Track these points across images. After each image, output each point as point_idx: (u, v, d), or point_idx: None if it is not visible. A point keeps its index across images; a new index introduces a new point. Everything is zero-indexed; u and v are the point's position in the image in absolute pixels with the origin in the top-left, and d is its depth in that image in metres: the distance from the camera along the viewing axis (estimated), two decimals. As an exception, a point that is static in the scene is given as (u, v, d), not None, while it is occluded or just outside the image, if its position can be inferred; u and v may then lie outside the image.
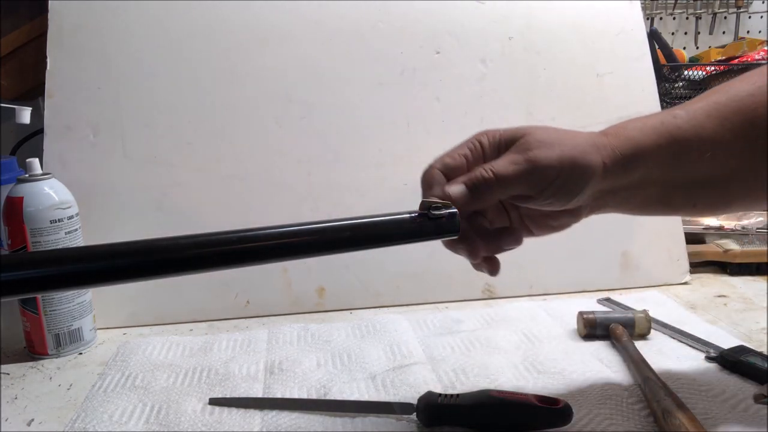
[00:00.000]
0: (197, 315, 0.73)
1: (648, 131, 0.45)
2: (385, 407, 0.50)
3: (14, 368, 0.62)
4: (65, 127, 0.73)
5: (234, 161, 0.75)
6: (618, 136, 0.45)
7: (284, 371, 0.58)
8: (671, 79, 1.03)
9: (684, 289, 0.79)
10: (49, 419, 0.52)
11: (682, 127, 0.45)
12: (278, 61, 0.77)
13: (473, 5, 0.82)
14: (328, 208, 0.76)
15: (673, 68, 1.02)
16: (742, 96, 0.45)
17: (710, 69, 1.02)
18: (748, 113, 0.45)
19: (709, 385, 0.52)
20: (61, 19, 0.74)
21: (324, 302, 0.75)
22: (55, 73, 0.73)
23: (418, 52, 0.80)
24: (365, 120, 0.78)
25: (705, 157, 0.45)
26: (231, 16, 0.77)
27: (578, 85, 0.82)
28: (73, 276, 0.34)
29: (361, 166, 0.77)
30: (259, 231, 0.38)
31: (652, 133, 0.45)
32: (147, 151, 0.74)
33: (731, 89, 0.47)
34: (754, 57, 1.04)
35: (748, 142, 0.45)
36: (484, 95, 0.81)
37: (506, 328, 0.66)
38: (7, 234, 0.63)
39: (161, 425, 0.50)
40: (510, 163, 0.43)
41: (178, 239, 0.36)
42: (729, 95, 0.46)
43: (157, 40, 0.75)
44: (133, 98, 0.74)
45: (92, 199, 0.71)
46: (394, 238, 0.42)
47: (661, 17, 1.36)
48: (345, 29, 0.79)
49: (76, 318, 0.65)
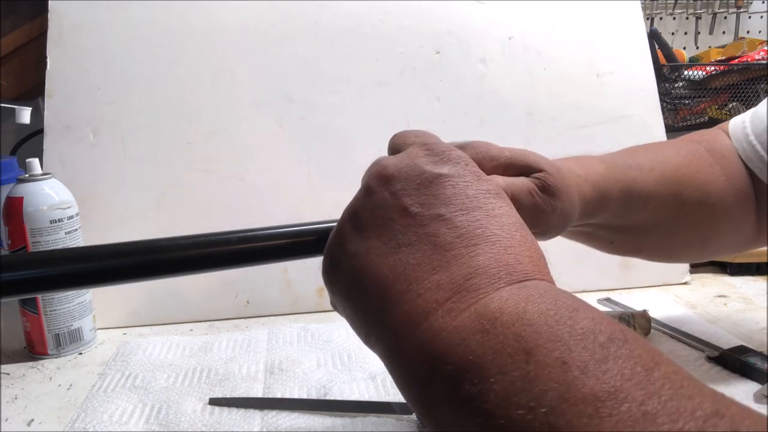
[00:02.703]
0: (197, 315, 0.73)
1: (613, 182, 0.48)
2: (385, 407, 0.50)
3: (14, 368, 0.62)
4: (65, 127, 0.73)
5: (234, 161, 0.75)
6: (594, 187, 0.47)
7: (284, 371, 0.58)
8: (671, 79, 1.03)
9: (684, 289, 0.79)
10: (49, 419, 0.52)
11: (636, 180, 0.50)
12: (278, 61, 0.77)
13: (473, 5, 0.82)
14: (328, 208, 0.76)
15: (673, 68, 1.02)
16: (674, 163, 0.53)
17: (710, 69, 1.02)
18: (677, 176, 0.52)
19: (709, 385, 0.52)
20: (61, 19, 0.74)
21: (324, 302, 0.75)
22: (55, 73, 0.73)
23: (418, 52, 0.80)
24: (365, 120, 0.78)
25: (646, 208, 0.51)
26: (231, 16, 0.77)
27: (578, 85, 0.82)
28: (73, 276, 0.34)
29: (361, 166, 0.77)
30: (259, 231, 0.38)
31: (616, 186, 0.48)
32: (147, 151, 0.74)
33: (668, 154, 0.54)
34: (754, 57, 1.04)
35: (677, 200, 0.52)
36: (484, 95, 0.80)
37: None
38: (7, 234, 0.63)
39: (161, 425, 0.50)
40: (528, 195, 0.40)
41: (178, 239, 0.36)
42: (666, 159, 0.53)
43: (157, 40, 0.75)
44: (133, 98, 0.74)
45: (92, 199, 0.71)
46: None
47: (661, 17, 1.35)
48: (345, 29, 0.79)
49: (76, 318, 0.65)
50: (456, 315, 0.26)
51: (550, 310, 0.25)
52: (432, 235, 0.29)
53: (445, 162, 0.33)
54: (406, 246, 0.30)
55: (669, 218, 0.53)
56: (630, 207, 0.50)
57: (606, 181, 0.48)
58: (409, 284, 0.28)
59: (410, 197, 0.31)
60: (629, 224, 0.52)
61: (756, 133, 0.55)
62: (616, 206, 0.49)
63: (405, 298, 0.28)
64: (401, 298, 0.28)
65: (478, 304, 0.26)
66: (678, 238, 0.55)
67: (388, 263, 0.30)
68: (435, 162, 0.33)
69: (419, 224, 0.30)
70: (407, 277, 0.29)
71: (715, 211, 0.54)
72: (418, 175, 0.32)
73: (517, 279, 0.27)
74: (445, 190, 0.31)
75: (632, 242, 0.55)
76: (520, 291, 0.26)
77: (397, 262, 0.29)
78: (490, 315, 0.25)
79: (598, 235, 0.53)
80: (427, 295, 0.27)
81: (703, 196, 0.53)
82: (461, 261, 0.28)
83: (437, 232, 0.29)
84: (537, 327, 0.24)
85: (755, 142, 0.55)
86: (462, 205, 0.30)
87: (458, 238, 0.29)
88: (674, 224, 0.54)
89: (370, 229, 0.31)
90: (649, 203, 0.51)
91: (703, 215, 0.54)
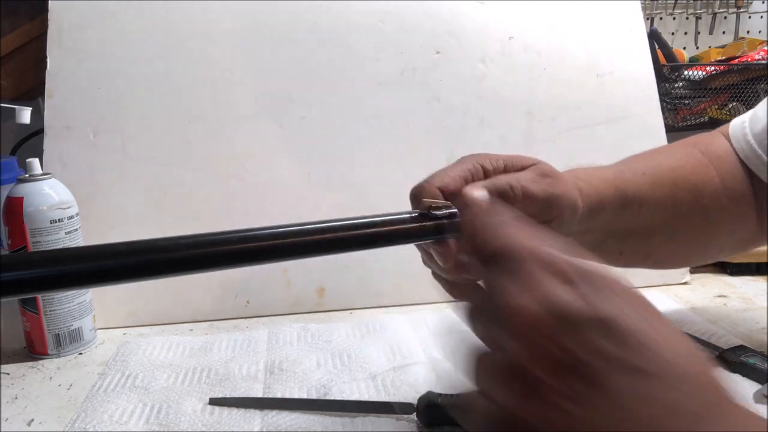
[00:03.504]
0: (197, 315, 0.73)
1: (608, 184, 0.50)
2: (385, 407, 0.50)
3: (14, 368, 0.62)
4: (65, 127, 0.73)
5: (234, 161, 0.75)
6: (590, 184, 0.48)
7: (284, 371, 0.58)
8: (671, 79, 1.03)
9: (684, 289, 0.79)
10: (49, 419, 0.52)
11: (628, 181, 0.51)
12: (278, 61, 0.77)
13: (473, 5, 0.82)
14: (328, 208, 0.76)
15: (673, 68, 1.02)
16: (668, 165, 0.55)
17: (710, 69, 1.02)
18: (672, 178, 0.54)
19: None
20: (61, 19, 0.74)
21: (324, 302, 0.75)
22: (55, 73, 0.73)
23: (418, 52, 0.80)
24: (365, 120, 0.78)
25: (642, 210, 0.52)
26: (231, 16, 0.77)
27: (578, 85, 0.82)
28: (73, 276, 0.34)
29: (361, 166, 0.77)
30: (259, 231, 0.38)
31: (610, 186, 0.50)
32: (147, 151, 0.74)
33: (659, 159, 0.56)
34: (754, 57, 1.04)
35: (673, 201, 0.53)
36: (484, 95, 0.80)
37: (506, 328, 0.66)
38: (7, 234, 0.63)
39: (161, 425, 0.50)
40: (533, 182, 0.43)
41: (178, 239, 0.36)
42: (657, 162, 0.55)
43: (157, 40, 0.75)
44: (133, 98, 0.74)
45: (92, 199, 0.71)
46: (394, 238, 0.42)
47: (661, 17, 1.36)
48: (345, 29, 0.79)
49: (76, 318, 0.65)
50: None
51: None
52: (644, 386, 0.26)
53: (595, 292, 0.28)
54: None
55: (667, 220, 0.54)
56: (626, 208, 0.51)
57: (600, 180, 0.50)
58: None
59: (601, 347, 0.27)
60: (631, 228, 0.53)
61: (754, 133, 0.56)
62: (612, 206, 0.50)
63: None
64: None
65: None
66: (680, 240, 0.56)
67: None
68: (586, 296, 0.28)
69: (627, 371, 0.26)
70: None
71: (710, 211, 0.55)
72: (591, 318, 0.27)
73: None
74: (622, 325, 0.27)
75: (639, 249, 0.56)
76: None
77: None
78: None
79: (608, 245, 0.54)
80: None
81: (697, 197, 0.54)
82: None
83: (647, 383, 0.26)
84: None
85: (753, 142, 0.56)
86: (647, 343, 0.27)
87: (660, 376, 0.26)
88: (673, 226, 0.55)
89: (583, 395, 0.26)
90: (644, 205, 0.52)
91: (699, 215, 0.55)
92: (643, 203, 0.52)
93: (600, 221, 0.50)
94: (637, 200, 0.51)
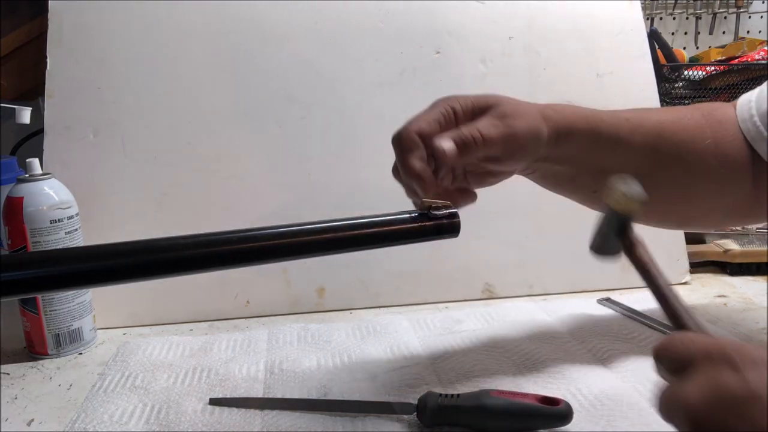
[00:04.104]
0: (197, 315, 0.73)
1: (579, 116, 0.54)
2: (385, 407, 0.50)
3: (14, 368, 0.62)
4: (65, 127, 0.73)
5: (234, 161, 0.75)
6: (558, 113, 0.53)
7: (284, 371, 0.58)
8: (671, 79, 1.03)
9: (684, 289, 0.79)
10: (49, 419, 0.52)
11: (605, 121, 0.54)
12: (278, 61, 0.77)
13: (473, 5, 0.82)
14: (328, 208, 0.76)
15: (673, 68, 1.02)
16: (656, 119, 0.57)
17: (710, 69, 1.02)
18: (657, 129, 0.56)
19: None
20: (61, 19, 0.74)
21: (324, 302, 0.75)
22: (55, 73, 0.73)
23: (418, 52, 0.80)
24: (365, 120, 0.78)
25: (617, 151, 0.55)
26: (231, 16, 0.77)
27: (578, 85, 0.82)
28: (73, 276, 0.34)
29: (361, 166, 0.77)
30: (259, 231, 0.38)
31: (582, 119, 0.54)
32: (147, 151, 0.74)
33: (650, 112, 0.60)
34: (754, 57, 1.04)
35: (651, 149, 0.56)
36: (484, 95, 0.80)
37: (506, 328, 0.66)
38: (7, 234, 0.63)
39: (161, 425, 0.50)
40: (492, 127, 0.49)
41: (178, 239, 0.36)
42: (646, 114, 0.58)
43: (157, 40, 0.75)
44: (133, 98, 0.74)
45: (92, 199, 0.71)
46: (394, 238, 0.42)
47: (661, 17, 1.36)
48: (345, 29, 0.79)
49: (76, 318, 0.65)
50: None
51: None
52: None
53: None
54: None
55: (645, 167, 0.55)
56: (597, 143, 0.54)
57: (572, 112, 0.54)
58: None
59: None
60: (605, 167, 0.54)
61: (759, 112, 0.57)
62: (581, 138, 0.53)
63: None
64: None
65: None
66: (660, 191, 0.55)
67: None
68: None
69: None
70: None
71: (692, 168, 0.57)
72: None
73: None
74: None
75: None
76: None
77: None
78: None
79: (581, 181, 0.57)
80: None
81: (681, 152, 0.56)
82: None
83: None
84: None
85: (758, 120, 0.57)
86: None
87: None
88: (652, 175, 0.55)
89: None
90: (620, 146, 0.55)
91: (680, 169, 0.57)
92: (618, 144, 0.54)
93: (569, 150, 0.53)
94: (612, 139, 0.54)
